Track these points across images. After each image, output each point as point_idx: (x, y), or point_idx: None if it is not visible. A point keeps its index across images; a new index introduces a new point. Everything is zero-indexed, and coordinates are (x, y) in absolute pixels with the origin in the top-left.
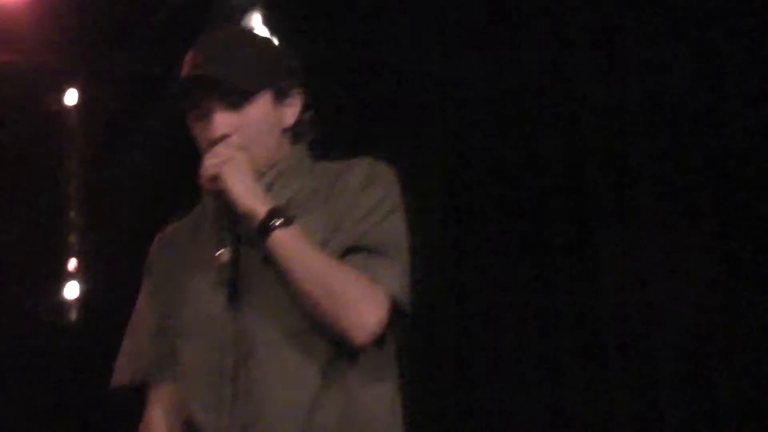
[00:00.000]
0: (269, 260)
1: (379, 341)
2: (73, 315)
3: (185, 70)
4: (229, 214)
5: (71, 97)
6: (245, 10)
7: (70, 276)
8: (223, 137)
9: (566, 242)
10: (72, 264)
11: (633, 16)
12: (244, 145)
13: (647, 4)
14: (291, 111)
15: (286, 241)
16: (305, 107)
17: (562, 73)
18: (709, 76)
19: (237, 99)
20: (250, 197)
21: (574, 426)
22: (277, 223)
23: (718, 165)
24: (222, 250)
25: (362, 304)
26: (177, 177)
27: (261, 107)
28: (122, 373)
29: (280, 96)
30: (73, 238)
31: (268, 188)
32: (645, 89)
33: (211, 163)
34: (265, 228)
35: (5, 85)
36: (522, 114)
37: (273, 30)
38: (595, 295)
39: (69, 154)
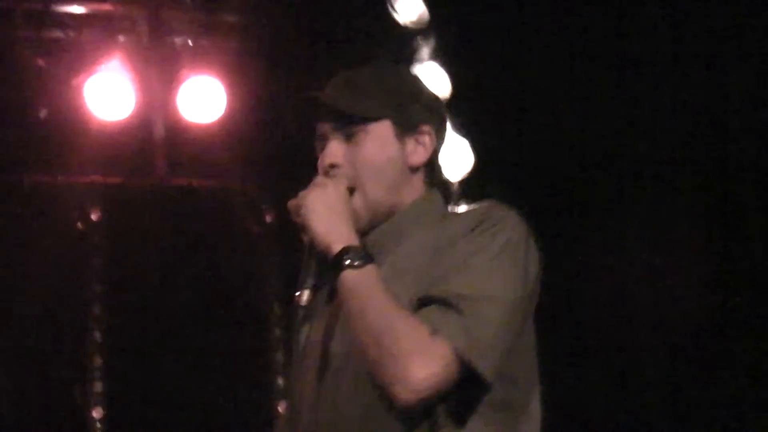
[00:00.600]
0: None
1: (457, 415)
2: None
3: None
4: (314, 251)
5: (268, 217)
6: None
7: None
8: (333, 166)
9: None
10: None
11: None
12: (354, 176)
13: None
14: (419, 148)
15: (354, 282)
16: (438, 150)
17: None
18: None
19: (351, 128)
20: (328, 231)
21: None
22: (347, 262)
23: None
24: (301, 291)
25: (412, 356)
26: None
27: (378, 138)
28: None
29: (405, 129)
30: None
31: (387, 236)
32: None
33: (302, 193)
34: (336, 265)
35: (208, 208)
36: None
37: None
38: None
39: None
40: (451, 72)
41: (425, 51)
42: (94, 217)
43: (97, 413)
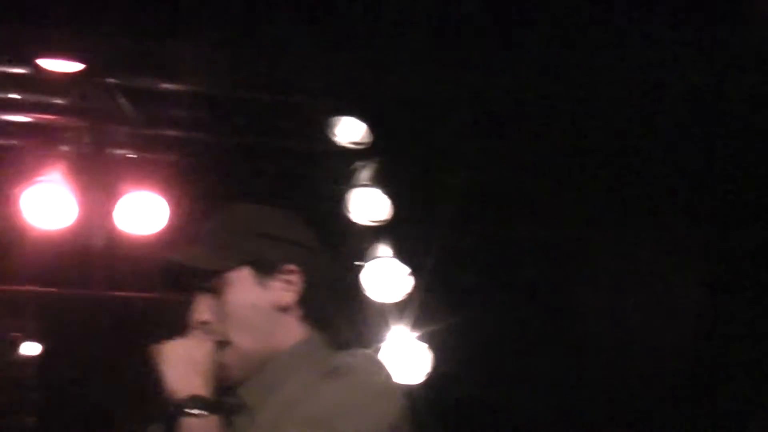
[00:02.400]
0: None
1: None
2: None
3: None
4: None
5: None
6: None
7: None
8: (203, 323)
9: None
10: None
11: None
12: (223, 329)
13: None
14: (286, 288)
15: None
16: (313, 287)
17: None
18: None
19: (213, 281)
20: (177, 380)
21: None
22: (188, 410)
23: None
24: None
25: None
26: None
27: (239, 286)
28: None
29: (266, 272)
30: None
31: (260, 386)
32: None
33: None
34: (177, 413)
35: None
36: None
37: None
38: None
39: None
40: (392, 195)
41: (365, 173)
42: (28, 326)
43: None
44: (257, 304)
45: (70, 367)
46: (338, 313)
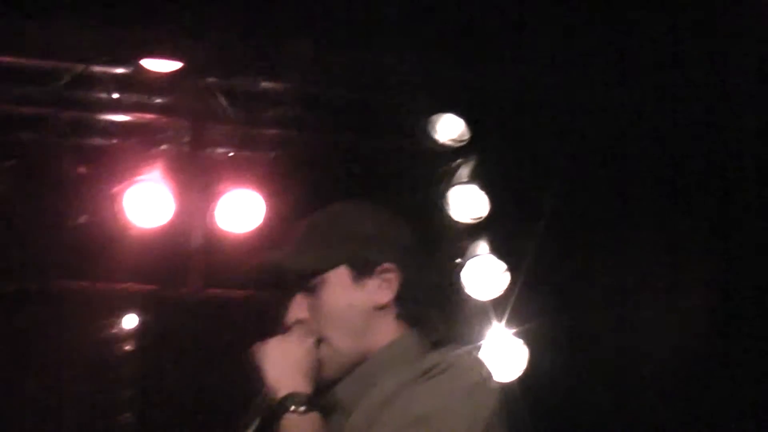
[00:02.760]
0: None
1: None
2: None
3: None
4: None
5: None
6: None
7: None
8: (298, 322)
9: None
10: None
11: None
12: (319, 328)
13: None
14: (383, 286)
15: (294, 428)
16: (410, 285)
17: None
18: None
19: (310, 281)
20: (278, 378)
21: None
22: (290, 408)
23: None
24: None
25: None
26: None
27: (336, 286)
28: None
29: (362, 271)
30: None
31: (357, 384)
32: None
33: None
34: (278, 409)
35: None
36: None
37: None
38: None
39: None
40: (490, 192)
41: (464, 171)
42: (126, 324)
43: None
44: (354, 303)
45: (168, 365)
46: (434, 311)
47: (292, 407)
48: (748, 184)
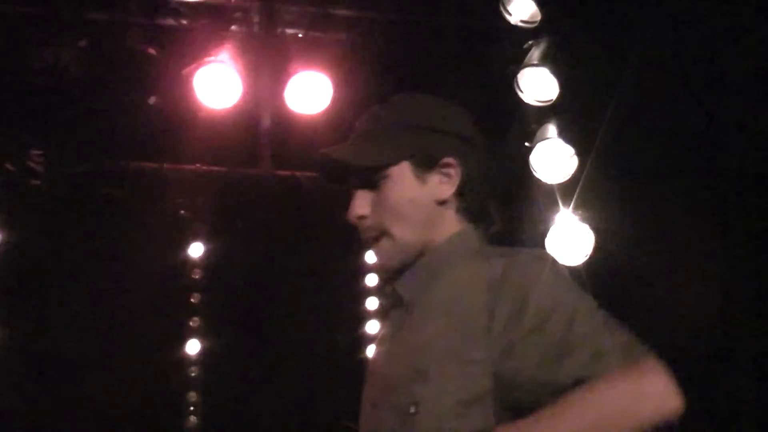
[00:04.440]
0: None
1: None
2: None
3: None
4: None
5: None
6: None
7: None
8: (360, 218)
9: None
10: None
11: None
12: (381, 222)
13: None
14: (444, 181)
15: None
16: (472, 180)
17: None
18: None
19: (371, 177)
20: None
21: None
22: None
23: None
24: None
25: (644, 389)
26: None
27: (397, 181)
28: None
29: (426, 165)
30: None
31: (418, 276)
32: None
33: None
34: None
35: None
36: None
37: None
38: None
39: (369, 265)
40: (560, 75)
41: (535, 53)
42: (198, 204)
43: (192, 397)
44: (416, 198)
45: (237, 247)
46: (494, 205)
47: None
48: None
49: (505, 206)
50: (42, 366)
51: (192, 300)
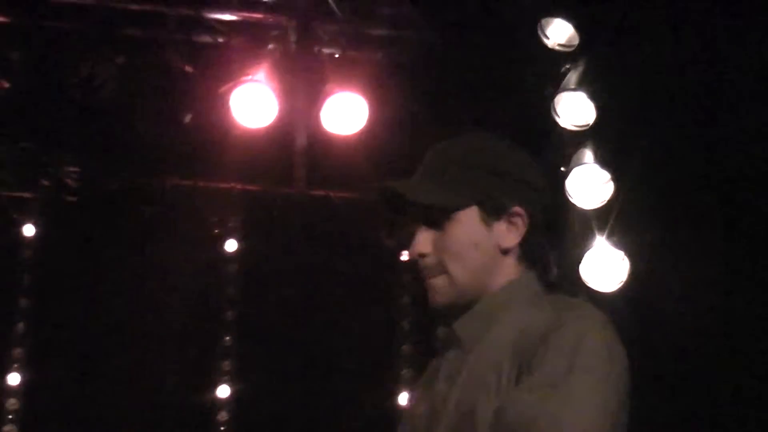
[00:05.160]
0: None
1: None
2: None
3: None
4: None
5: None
6: None
7: None
8: (422, 256)
9: None
10: None
11: None
12: (442, 262)
13: None
14: (510, 230)
15: None
16: (535, 228)
17: None
18: None
19: (437, 217)
20: None
21: None
22: None
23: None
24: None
25: None
26: None
27: (465, 225)
28: None
29: (493, 212)
30: None
31: (476, 321)
32: None
33: None
34: None
35: (345, 220)
36: None
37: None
38: None
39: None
40: (597, 100)
41: (572, 77)
42: (231, 223)
43: (222, 417)
44: (480, 243)
45: (272, 264)
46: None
47: None
48: None
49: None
50: (77, 386)
51: (227, 317)
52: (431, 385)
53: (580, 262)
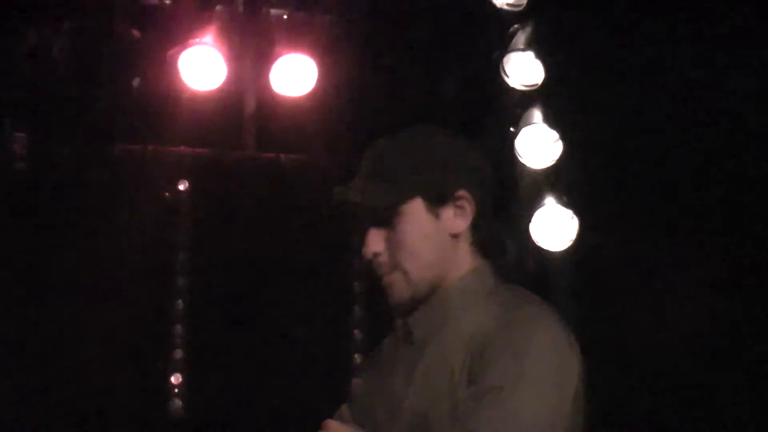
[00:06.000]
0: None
1: None
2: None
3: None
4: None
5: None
6: None
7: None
8: (375, 255)
9: None
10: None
11: None
12: (395, 259)
13: None
14: (458, 214)
15: None
16: (483, 211)
17: None
18: None
19: (384, 215)
20: None
21: None
22: None
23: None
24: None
25: None
26: None
27: (411, 217)
28: None
29: (438, 201)
30: None
31: (430, 317)
32: None
33: None
34: None
35: (296, 182)
36: None
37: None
38: None
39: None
40: (545, 60)
41: (521, 38)
42: (181, 187)
43: (176, 380)
44: (429, 233)
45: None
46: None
47: None
48: None
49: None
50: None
51: (177, 283)
52: (386, 375)
53: (530, 222)
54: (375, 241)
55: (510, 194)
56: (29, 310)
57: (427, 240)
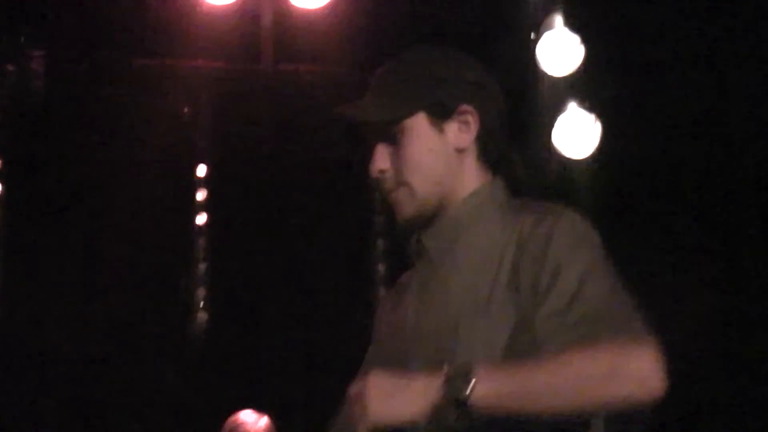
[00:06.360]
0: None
1: None
2: None
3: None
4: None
5: None
6: None
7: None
8: (382, 172)
9: None
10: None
11: None
12: (401, 175)
13: None
14: (462, 129)
15: (494, 398)
16: (489, 125)
17: None
18: None
19: (389, 130)
20: (407, 407)
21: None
22: (466, 394)
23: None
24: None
25: (627, 364)
26: None
27: (415, 132)
28: None
29: (441, 115)
30: None
31: (448, 228)
32: None
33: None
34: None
35: (314, 94)
36: None
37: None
38: None
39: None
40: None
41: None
42: (200, 100)
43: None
44: (434, 148)
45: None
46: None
47: (467, 392)
48: None
49: (512, 99)
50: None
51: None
52: (403, 302)
53: (552, 129)
54: (381, 159)
55: (532, 104)
56: (57, 218)
57: (432, 154)
